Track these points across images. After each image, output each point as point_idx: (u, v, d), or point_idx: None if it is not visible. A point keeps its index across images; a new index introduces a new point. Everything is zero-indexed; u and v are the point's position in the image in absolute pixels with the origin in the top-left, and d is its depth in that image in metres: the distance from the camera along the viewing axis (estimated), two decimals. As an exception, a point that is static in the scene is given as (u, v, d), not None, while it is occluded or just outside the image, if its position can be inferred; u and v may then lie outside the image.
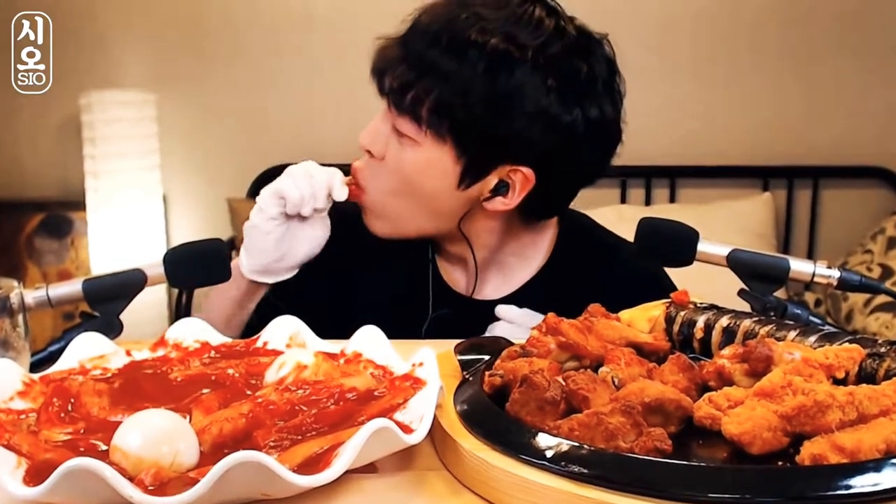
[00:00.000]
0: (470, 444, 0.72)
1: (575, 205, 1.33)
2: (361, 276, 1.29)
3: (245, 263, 1.21)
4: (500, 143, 1.11)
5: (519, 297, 1.22)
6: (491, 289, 1.26)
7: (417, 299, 1.27)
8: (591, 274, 1.24)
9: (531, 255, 1.26)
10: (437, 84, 1.09)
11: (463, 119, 1.09)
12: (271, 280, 1.22)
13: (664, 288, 1.19)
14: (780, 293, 1.03)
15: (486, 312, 1.19)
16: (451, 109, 1.09)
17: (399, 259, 1.28)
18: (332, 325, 0.98)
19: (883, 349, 0.78)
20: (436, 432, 0.77)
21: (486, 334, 1.16)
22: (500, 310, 1.18)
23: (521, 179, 1.13)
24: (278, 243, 1.19)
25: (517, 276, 1.26)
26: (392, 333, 0.93)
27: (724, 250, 1.05)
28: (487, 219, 1.19)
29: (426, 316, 1.26)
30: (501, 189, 1.14)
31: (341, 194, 1.18)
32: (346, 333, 0.93)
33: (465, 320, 1.19)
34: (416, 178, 1.14)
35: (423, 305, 1.26)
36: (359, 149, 1.20)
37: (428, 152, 1.13)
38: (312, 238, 1.21)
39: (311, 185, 1.16)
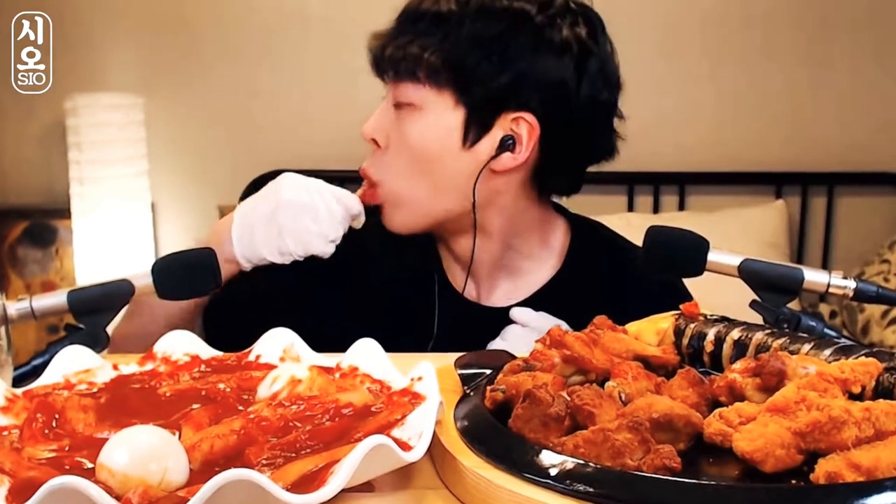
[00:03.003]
0: (471, 462, 0.73)
1: (581, 212, 1.34)
2: (361, 284, 1.30)
3: (238, 250, 1.21)
4: (496, 85, 1.16)
5: (531, 304, 1.23)
6: (502, 295, 1.27)
7: (423, 306, 1.28)
8: (607, 280, 1.26)
9: (541, 259, 1.28)
10: (431, 41, 1.16)
11: (458, 64, 1.15)
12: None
13: (681, 296, 1.20)
14: (793, 304, 1.03)
15: (495, 319, 1.21)
16: (447, 57, 1.15)
17: (403, 264, 1.29)
18: (333, 336, 0.99)
19: (901, 363, 0.78)
20: (435, 449, 0.77)
21: (500, 338, 1.18)
22: (515, 312, 1.20)
23: (527, 129, 1.17)
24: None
25: (529, 283, 1.27)
26: (397, 343, 0.93)
27: (735, 260, 1.05)
28: (498, 194, 1.22)
29: (432, 323, 1.26)
30: (507, 143, 1.17)
31: (359, 224, 1.22)
32: (345, 347, 0.93)
33: (473, 328, 1.19)
34: (421, 146, 1.18)
35: (430, 313, 1.27)
36: (362, 140, 1.24)
37: (429, 114, 1.18)
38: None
39: (333, 225, 1.19)
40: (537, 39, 1.15)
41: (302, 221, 1.17)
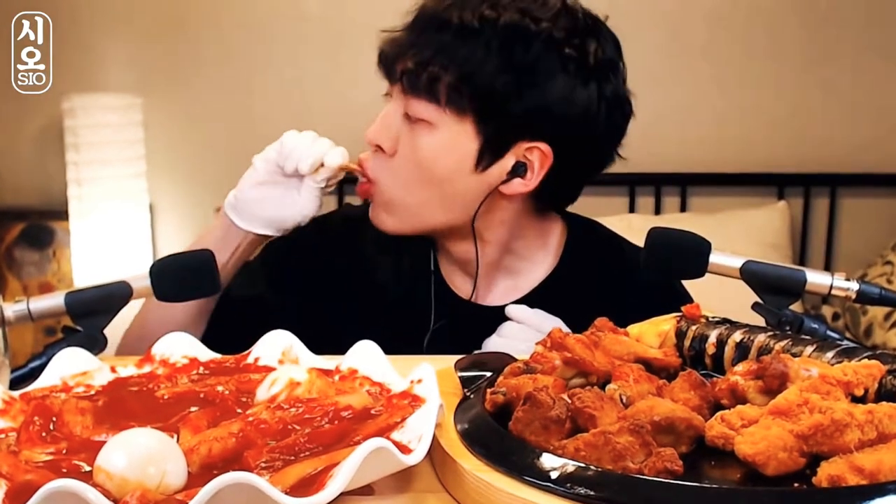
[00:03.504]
0: (471, 465, 0.73)
1: (582, 213, 1.35)
2: (357, 284, 1.31)
3: (229, 198, 1.25)
4: (520, 116, 1.14)
5: (527, 302, 1.23)
6: (498, 294, 1.28)
7: (419, 306, 1.28)
8: (604, 278, 1.27)
9: (537, 260, 1.28)
10: (454, 60, 1.12)
11: (483, 92, 1.12)
12: (245, 225, 1.24)
13: (679, 295, 1.21)
14: (796, 306, 1.03)
15: (492, 318, 1.21)
16: (472, 82, 1.12)
17: (398, 264, 1.30)
18: (328, 337, 0.99)
19: (904, 365, 0.78)
20: (435, 452, 0.78)
21: (496, 335, 1.18)
22: (511, 310, 1.20)
23: (540, 157, 1.16)
24: (262, 190, 1.23)
25: (525, 282, 1.28)
26: (394, 343, 0.93)
27: (737, 262, 1.05)
28: (500, 209, 1.21)
29: (429, 323, 1.26)
30: (519, 170, 1.16)
31: (333, 159, 1.19)
32: (342, 348, 0.93)
33: (470, 327, 1.20)
34: (432, 163, 1.16)
35: (426, 313, 1.27)
36: (361, 142, 1.22)
37: (445, 133, 1.15)
38: (294, 204, 1.23)
39: (307, 145, 1.20)
40: (565, 69, 1.13)
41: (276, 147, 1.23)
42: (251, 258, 1.36)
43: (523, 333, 1.16)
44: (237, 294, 1.28)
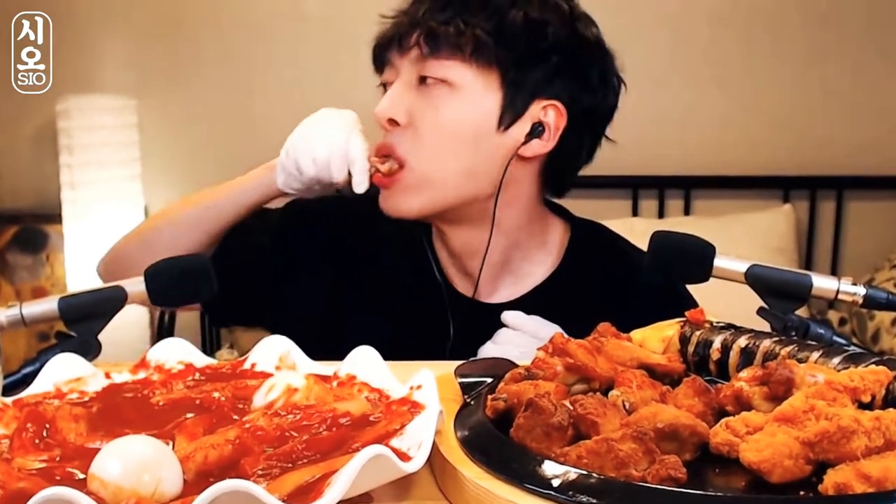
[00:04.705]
0: (471, 473, 0.73)
1: (584, 216, 1.35)
2: (366, 275, 1.31)
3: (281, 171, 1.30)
4: (540, 72, 1.19)
5: (528, 302, 1.24)
6: (501, 294, 1.29)
7: (436, 311, 1.28)
8: (606, 280, 1.28)
9: (537, 260, 1.29)
10: (475, 16, 1.17)
11: (510, 42, 1.17)
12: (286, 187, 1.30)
13: (683, 299, 1.21)
14: (802, 311, 1.03)
15: (497, 317, 1.21)
16: (497, 34, 1.17)
17: (406, 267, 1.30)
18: (328, 344, 0.99)
19: (911, 371, 0.78)
20: (435, 460, 0.77)
21: (491, 342, 1.18)
22: (507, 316, 1.20)
23: (555, 117, 1.20)
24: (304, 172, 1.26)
25: (526, 282, 1.29)
26: (400, 344, 0.96)
27: (742, 266, 1.05)
28: (517, 183, 1.23)
29: (438, 324, 1.27)
30: (538, 129, 1.20)
31: (360, 187, 1.21)
32: (344, 340, 0.93)
33: (475, 326, 1.21)
34: (456, 125, 1.19)
35: (442, 318, 1.27)
36: (379, 125, 1.22)
37: (467, 92, 1.18)
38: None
39: (329, 171, 1.22)
40: (573, 31, 1.20)
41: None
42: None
43: (519, 339, 1.16)
44: (247, 240, 1.34)
